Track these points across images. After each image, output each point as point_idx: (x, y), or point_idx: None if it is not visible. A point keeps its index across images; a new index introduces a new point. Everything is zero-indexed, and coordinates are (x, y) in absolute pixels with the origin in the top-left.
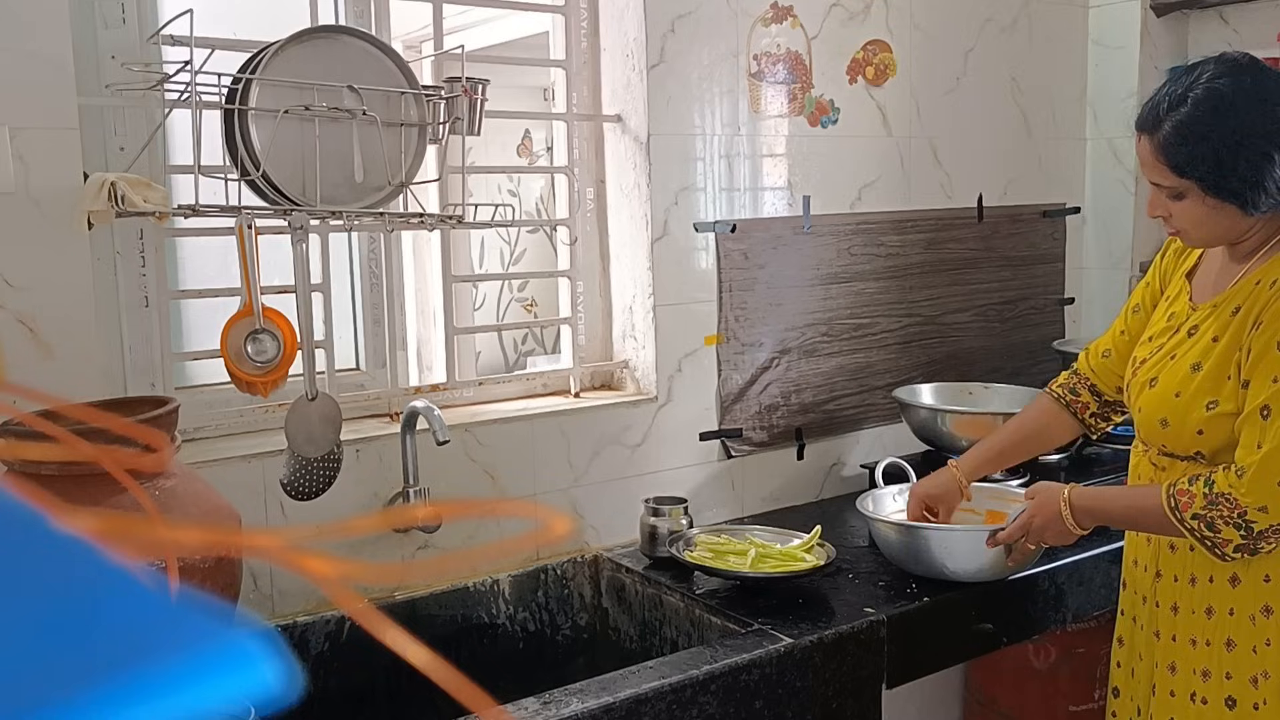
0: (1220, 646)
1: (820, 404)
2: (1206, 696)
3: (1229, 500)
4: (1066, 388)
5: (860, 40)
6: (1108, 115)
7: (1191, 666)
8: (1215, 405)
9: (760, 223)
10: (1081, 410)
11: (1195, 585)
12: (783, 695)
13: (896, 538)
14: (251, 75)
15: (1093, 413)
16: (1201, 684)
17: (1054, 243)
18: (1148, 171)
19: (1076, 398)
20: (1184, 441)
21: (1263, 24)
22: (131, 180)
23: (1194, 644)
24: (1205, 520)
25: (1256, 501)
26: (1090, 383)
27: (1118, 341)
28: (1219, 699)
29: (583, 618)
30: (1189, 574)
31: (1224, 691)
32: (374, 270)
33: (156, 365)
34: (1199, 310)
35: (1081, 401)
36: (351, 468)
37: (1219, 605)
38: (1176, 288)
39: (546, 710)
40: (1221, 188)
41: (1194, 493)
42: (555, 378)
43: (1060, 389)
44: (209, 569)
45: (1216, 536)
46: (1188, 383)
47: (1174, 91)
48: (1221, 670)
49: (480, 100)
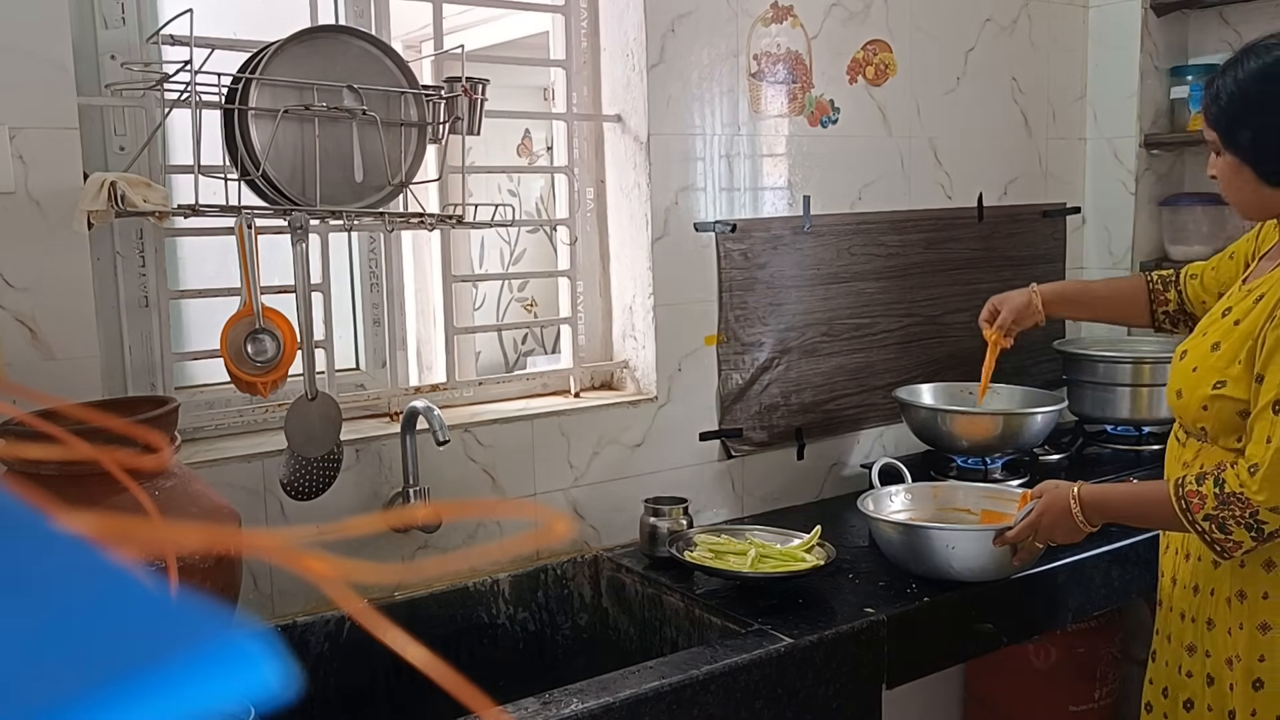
0: (1252, 630)
1: (820, 404)
2: (1235, 682)
3: (1240, 500)
4: (1161, 279)
5: (860, 40)
6: (1108, 115)
7: (1229, 682)
8: (1222, 386)
9: (760, 223)
10: (1161, 303)
11: (1245, 601)
12: (783, 695)
13: (898, 537)
14: (251, 75)
15: (1166, 311)
16: (1228, 671)
17: (1054, 243)
18: (1205, 133)
19: (1164, 290)
20: (1191, 414)
21: (1263, 24)
22: (131, 180)
23: (1230, 664)
24: (1217, 521)
25: (1269, 501)
26: (1180, 287)
27: (1206, 272)
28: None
29: (583, 618)
30: (1237, 589)
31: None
32: (374, 270)
33: (156, 365)
34: (1238, 291)
35: (1165, 296)
36: (351, 468)
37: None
38: (1250, 269)
39: (546, 710)
40: (1234, 143)
41: (1204, 493)
42: (555, 378)
43: (1156, 277)
44: (209, 569)
45: (1228, 539)
46: (1205, 359)
47: (1230, 59)
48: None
49: (480, 100)
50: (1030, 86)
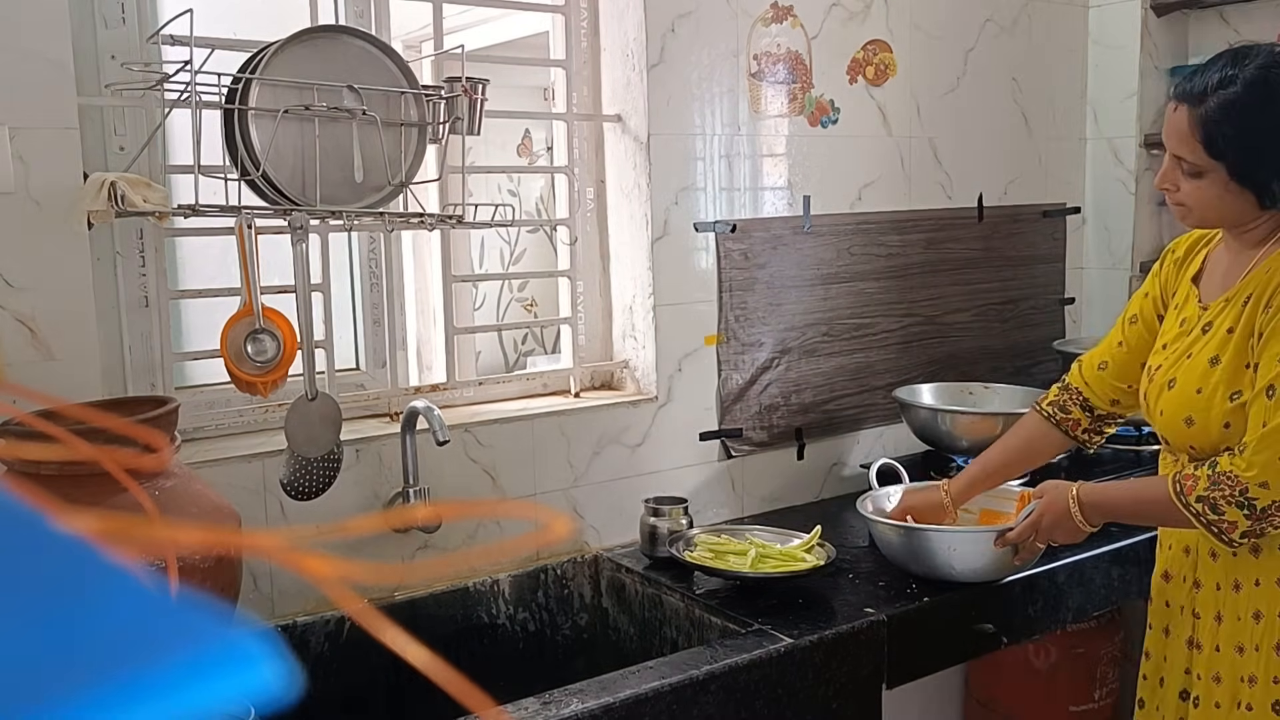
0: (1269, 651)
1: (820, 404)
2: (1252, 703)
3: (1230, 478)
4: (1056, 405)
5: (860, 40)
6: (1108, 115)
7: (1239, 674)
8: (1238, 396)
9: (760, 223)
10: (1073, 428)
11: (1240, 591)
12: (783, 695)
13: (898, 539)
14: (251, 75)
15: (1084, 429)
16: (1248, 690)
17: (1054, 243)
18: (1175, 143)
19: (1067, 415)
20: (1211, 438)
21: (1263, 24)
22: (131, 180)
23: (1240, 651)
24: (1209, 502)
25: (1258, 477)
26: (1082, 397)
27: (1115, 353)
28: (1266, 703)
29: (583, 618)
30: (1232, 580)
31: (1271, 696)
32: (374, 270)
33: (156, 365)
34: (1210, 308)
35: (1072, 419)
36: (351, 468)
37: (1267, 609)
38: (1184, 294)
39: (546, 710)
40: (1248, 176)
41: (1198, 476)
42: (555, 378)
43: (1050, 407)
44: (209, 569)
45: (1221, 520)
46: (1207, 377)
47: (1226, 70)
48: (1269, 675)
49: (480, 100)
50: (1030, 86)
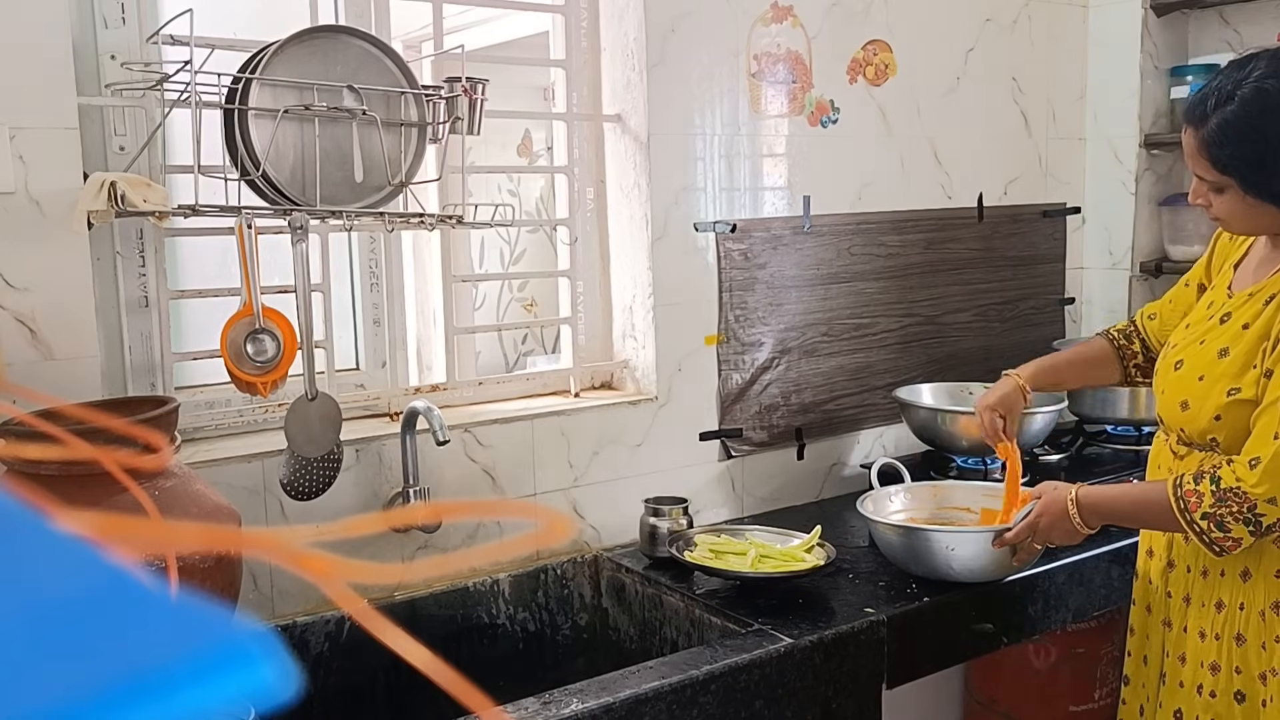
0: (1230, 641)
1: (820, 404)
2: (1215, 690)
3: (1238, 495)
4: (1122, 334)
5: (860, 40)
6: (1108, 115)
7: (1200, 659)
8: (1236, 392)
9: (760, 222)
10: (1130, 358)
11: (1207, 578)
12: (783, 695)
13: (898, 539)
14: (251, 75)
15: (1137, 364)
16: (1210, 677)
17: (1054, 243)
18: (1191, 163)
19: (1129, 345)
20: (1200, 426)
21: (1263, 24)
22: (131, 180)
23: (1203, 636)
24: (1215, 519)
25: (1267, 493)
26: (1142, 335)
27: (1164, 308)
28: (1228, 693)
29: (583, 618)
30: (1201, 566)
31: (1233, 686)
32: (374, 270)
33: (156, 365)
34: (1235, 298)
35: (1132, 349)
36: (351, 468)
37: (1229, 599)
38: (1223, 276)
39: (546, 710)
40: (1260, 188)
41: (1201, 492)
42: (555, 378)
43: (1117, 333)
44: (209, 569)
45: (1227, 538)
46: (1213, 367)
47: (1223, 87)
48: (1231, 665)
49: (480, 100)
50: (1030, 86)
